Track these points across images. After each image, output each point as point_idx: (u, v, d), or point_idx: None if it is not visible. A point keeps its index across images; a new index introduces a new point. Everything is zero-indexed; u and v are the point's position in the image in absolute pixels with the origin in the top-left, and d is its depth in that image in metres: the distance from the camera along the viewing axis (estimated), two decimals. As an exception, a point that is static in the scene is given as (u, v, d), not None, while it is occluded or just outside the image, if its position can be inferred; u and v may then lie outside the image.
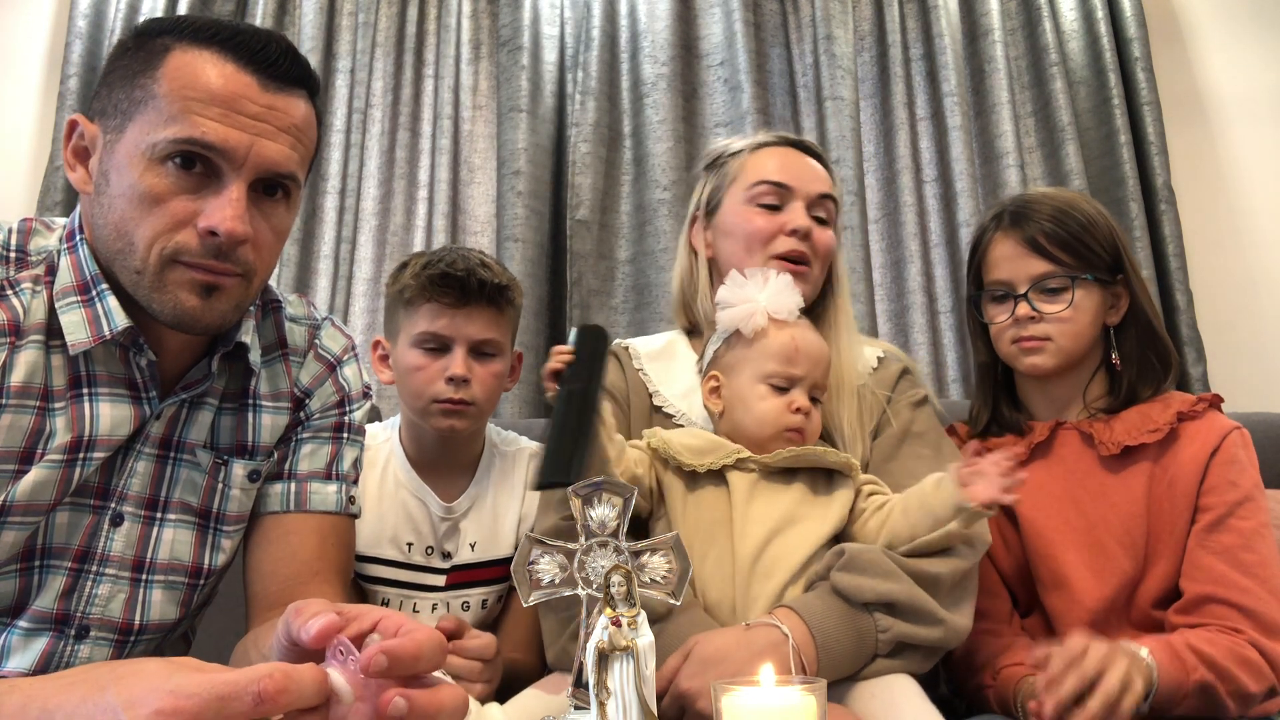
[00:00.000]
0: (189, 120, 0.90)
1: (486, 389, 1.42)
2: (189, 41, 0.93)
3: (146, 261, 0.93)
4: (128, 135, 0.92)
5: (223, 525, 1.09)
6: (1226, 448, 1.28)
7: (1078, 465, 1.35)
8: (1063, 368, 1.36)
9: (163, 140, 0.90)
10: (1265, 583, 1.20)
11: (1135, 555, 1.29)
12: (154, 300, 0.94)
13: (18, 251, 0.99)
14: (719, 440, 1.22)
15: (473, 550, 1.46)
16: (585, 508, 0.80)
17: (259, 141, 0.93)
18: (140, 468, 1.03)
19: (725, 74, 2.37)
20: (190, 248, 0.92)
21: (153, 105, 0.92)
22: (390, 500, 1.46)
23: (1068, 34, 2.43)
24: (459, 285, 1.38)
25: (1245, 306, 2.33)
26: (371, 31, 2.40)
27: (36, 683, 0.64)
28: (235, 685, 0.58)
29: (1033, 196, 1.43)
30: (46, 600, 0.99)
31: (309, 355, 1.15)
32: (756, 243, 1.34)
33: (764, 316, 1.22)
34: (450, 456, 1.49)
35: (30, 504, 0.95)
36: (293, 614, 0.68)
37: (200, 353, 1.06)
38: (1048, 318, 1.34)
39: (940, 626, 1.11)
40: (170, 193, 0.91)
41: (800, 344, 1.21)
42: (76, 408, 0.98)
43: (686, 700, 1.04)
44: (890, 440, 1.30)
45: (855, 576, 1.10)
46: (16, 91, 2.34)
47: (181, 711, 0.57)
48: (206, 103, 0.91)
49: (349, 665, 0.62)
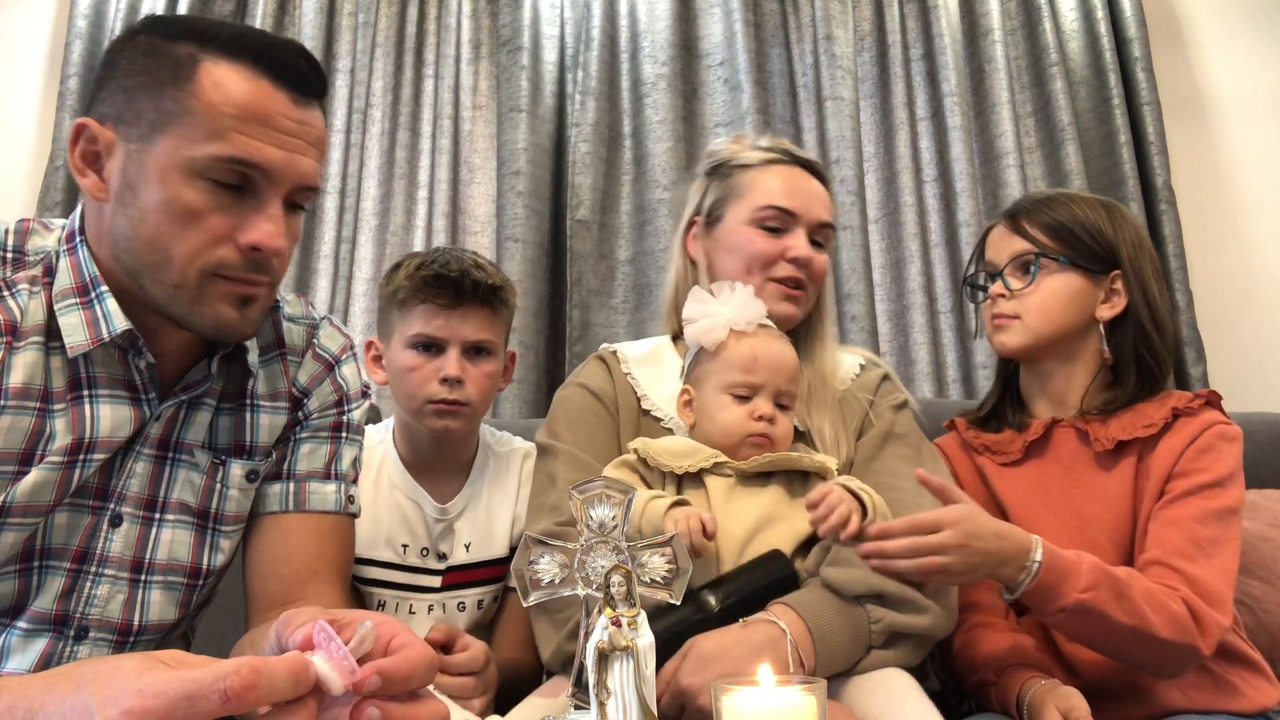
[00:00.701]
0: (230, 138, 0.91)
1: (481, 389, 1.42)
2: (218, 53, 0.93)
3: (185, 276, 0.93)
4: (159, 147, 0.92)
5: (221, 525, 1.09)
6: (1204, 437, 1.28)
7: (1074, 463, 1.36)
8: (1032, 349, 1.38)
9: (202, 156, 0.91)
10: (1212, 558, 1.20)
11: (1124, 550, 1.29)
12: (193, 313, 0.95)
13: (15, 252, 0.99)
14: (698, 446, 1.24)
15: (468, 551, 1.46)
16: (585, 508, 0.80)
17: (294, 158, 0.95)
18: (139, 468, 1.03)
19: (725, 74, 2.37)
20: (231, 262, 0.94)
21: (188, 120, 0.91)
22: (385, 502, 1.46)
23: (1068, 34, 2.43)
24: (453, 286, 1.38)
25: (1245, 306, 2.33)
26: (371, 31, 2.40)
27: (24, 682, 0.64)
28: (201, 683, 0.57)
29: (1040, 192, 1.50)
30: (45, 601, 0.99)
31: (307, 354, 1.15)
32: (757, 265, 1.36)
33: (724, 329, 1.25)
34: (444, 457, 1.49)
35: (30, 505, 0.95)
36: (283, 625, 0.68)
37: (198, 354, 1.06)
38: (1016, 294, 1.36)
39: (928, 613, 1.14)
40: (209, 209, 0.92)
41: (759, 353, 1.24)
42: (77, 410, 0.98)
43: (686, 698, 1.04)
44: (873, 440, 1.33)
45: (845, 570, 1.13)
46: (16, 91, 2.34)
47: (150, 711, 0.57)
48: (246, 120, 0.92)
49: (334, 652, 0.62)
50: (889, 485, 1.25)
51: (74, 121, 0.95)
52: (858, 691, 1.10)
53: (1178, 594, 1.17)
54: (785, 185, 1.39)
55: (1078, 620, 1.14)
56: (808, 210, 1.38)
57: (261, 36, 0.96)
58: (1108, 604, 1.12)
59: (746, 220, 1.38)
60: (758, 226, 1.38)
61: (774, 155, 1.42)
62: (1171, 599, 1.16)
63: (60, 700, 0.60)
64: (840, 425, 1.33)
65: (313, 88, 0.98)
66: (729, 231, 1.40)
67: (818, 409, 1.34)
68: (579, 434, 1.33)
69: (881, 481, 1.25)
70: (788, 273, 1.36)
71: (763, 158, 1.42)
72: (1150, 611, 1.13)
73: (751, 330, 1.26)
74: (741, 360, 1.23)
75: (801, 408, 1.34)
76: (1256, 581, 1.60)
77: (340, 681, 0.61)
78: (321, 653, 0.62)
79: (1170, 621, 1.14)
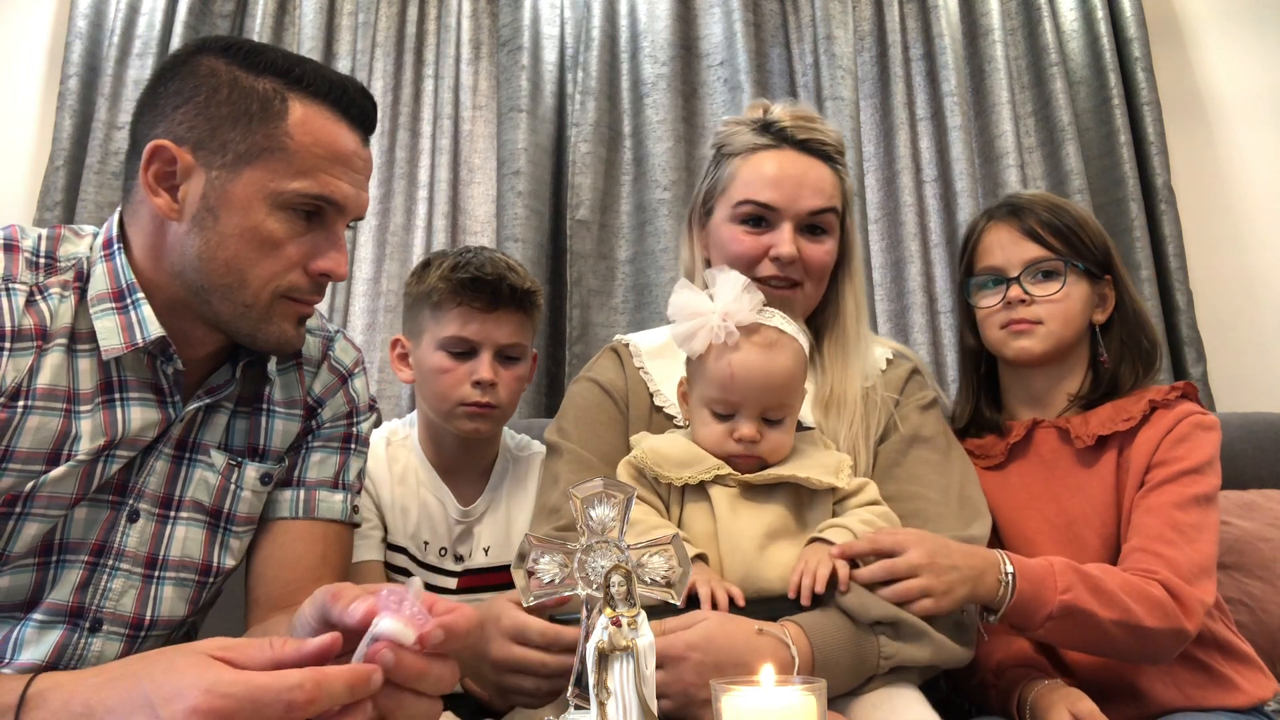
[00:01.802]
0: (319, 178, 1.00)
1: (511, 392, 1.43)
2: (304, 94, 1.00)
3: (259, 297, 1.00)
4: (245, 177, 0.97)
5: (232, 525, 1.11)
6: (1180, 428, 1.30)
7: (1056, 462, 1.36)
8: (1050, 355, 1.37)
9: (291, 192, 0.98)
10: (1192, 541, 1.21)
11: (1111, 545, 1.30)
12: (260, 330, 1.02)
13: (46, 258, 1.02)
14: (701, 454, 1.18)
15: (486, 555, 1.47)
16: (585, 508, 0.80)
17: (360, 194, 1.05)
18: (158, 467, 1.06)
19: (725, 74, 2.37)
20: (301, 287, 1.02)
21: (281, 156, 0.98)
22: (412, 496, 1.47)
23: (1068, 34, 2.43)
24: (490, 290, 1.38)
25: (1245, 306, 2.33)
26: (371, 31, 2.39)
27: (75, 678, 0.67)
28: (268, 690, 0.60)
29: (1026, 193, 1.47)
30: (62, 593, 1.02)
31: (323, 366, 1.19)
32: (741, 265, 1.27)
33: (704, 341, 1.14)
34: (467, 459, 1.49)
35: (53, 497, 0.98)
36: (329, 598, 0.71)
37: (221, 359, 1.10)
38: (1040, 300, 1.35)
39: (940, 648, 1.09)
40: (287, 238, 1.00)
41: (737, 370, 1.13)
42: (108, 412, 1.01)
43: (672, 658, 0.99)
44: (897, 445, 1.27)
45: (860, 594, 1.08)
46: (16, 91, 2.34)
47: (217, 711, 0.59)
48: (333, 162, 1.01)
49: (404, 610, 0.66)
50: (913, 494, 1.21)
51: (150, 143, 0.98)
52: (862, 706, 1.07)
53: (1156, 577, 1.17)
54: (766, 175, 1.29)
55: (1065, 625, 1.13)
56: (792, 201, 1.28)
57: (339, 79, 1.04)
58: (1088, 601, 1.12)
59: (729, 217, 1.31)
60: (739, 223, 1.30)
61: (763, 141, 1.31)
62: (1149, 585, 1.16)
63: (119, 697, 0.62)
64: (861, 430, 1.26)
65: (373, 127, 1.08)
66: (716, 227, 1.34)
67: (835, 414, 1.27)
68: (586, 432, 1.30)
69: (904, 490, 1.21)
70: (771, 272, 1.28)
71: (749, 143, 1.32)
72: (1131, 601, 1.14)
73: (742, 331, 1.14)
74: (719, 378, 1.14)
75: (818, 411, 1.29)
76: (1256, 581, 1.60)
77: (413, 634, 0.66)
78: (388, 614, 0.66)
79: (1153, 607, 1.15)
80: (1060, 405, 1.40)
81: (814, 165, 1.31)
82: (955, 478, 1.26)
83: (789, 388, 1.17)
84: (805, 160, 1.30)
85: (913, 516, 1.19)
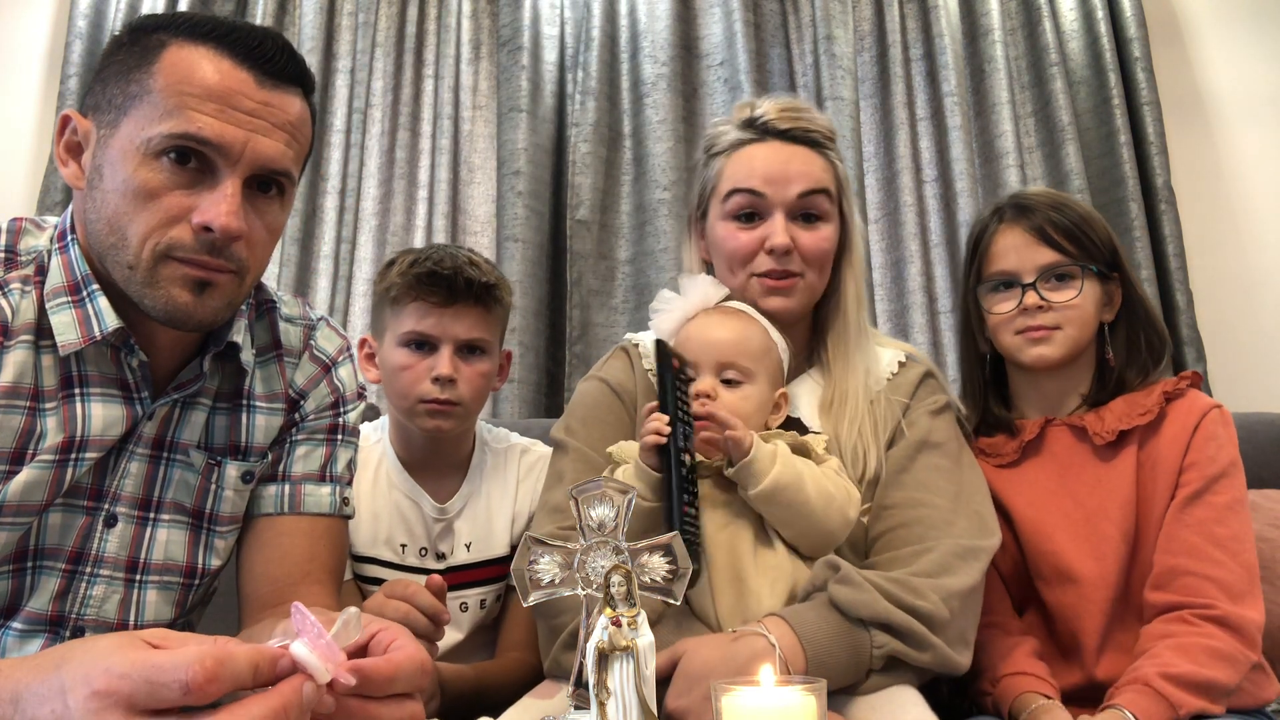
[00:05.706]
0: (185, 115, 0.90)
1: (474, 389, 1.41)
2: (185, 37, 0.93)
3: (139, 257, 0.92)
4: (122, 130, 0.92)
5: (216, 526, 1.08)
6: (1206, 425, 1.30)
7: (1071, 459, 1.36)
8: (1067, 359, 1.37)
9: (158, 135, 0.90)
10: (1236, 555, 1.23)
11: (1131, 540, 1.30)
12: (146, 296, 0.93)
13: (7, 252, 0.99)
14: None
15: (468, 550, 1.46)
16: (585, 508, 0.80)
17: (254, 138, 0.93)
18: (133, 468, 1.03)
19: (725, 74, 2.37)
20: (184, 243, 0.92)
21: (148, 100, 0.91)
22: (384, 501, 1.45)
23: (1068, 34, 2.43)
24: (446, 284, 1.36)
25: (1245, 306, 2.33)
26: (371, 31, 2.40)
27: (15, 664, 0.64)
28: (163, 670, 0.57)
29: (1031, 192, 1.45)
30: (41, 602, 0.99)
31: (304, 356, 1.15)
32: (737, 262, 1.26)
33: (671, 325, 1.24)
34: (440, 456, 1.48)
35: (22, 504, 0.95)
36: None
37: (192, 353, 1.06)
38: (1056, 306, 1.34)
39: (934, 650, 1.07)
40: (164, 188, 0.91)
41: (691, 332, 1.21)
42: (68, 408, 0.97)
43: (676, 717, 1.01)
44: (905, 450, 1.25)
45: (854, 591, 1.06)
46: (16, 91, 2.34)
47: (114, 692, 0.57)
48: (202, 98, 0.91)
49: (313, 636, 0.60)
50: (919, 501, 1.19)
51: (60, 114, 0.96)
52: (861, 707, 1.06)
53: (1213, 613, 1.19)
54: (751, 167, 1.27)
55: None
56: (780, 188, 1.25)
57: (232, 22, 0.96)
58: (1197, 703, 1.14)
59: (721, 214, 1.29)
60: (731, 219, 1.28)
61: (748, 135, 1.29)
62: (1212, 637, 1.18)
63: (41, 681, 0.60)
64: (869, 434, 1.24)
65: (283, 70, 0.96)
66: (711, 227, 1.32)
67: (838, 416, 1.25)
68: (592, 431, 1.29)
69: (912, 496, 1.19)
70: (769, 266, 1.25)
71: (735, 139, 1.30)
72: (1212, 673, 1.16)
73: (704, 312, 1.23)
74: (679, 344, 1.20)
75: (822, 414, 1.27)
76: (1257, 581, 1.60)
77: (324, 668, 0.60)
78: (305, 638, 0.60)
79: (1228, 664, 1.17)
80: (1071, 405, 1.40)
81: (800, 151, 1.29)
82: (966, 486, 1.24)
83: (740, 347, 1.19)
84: (790, 148, 1.28)
85: (919, 524, 1.17)
